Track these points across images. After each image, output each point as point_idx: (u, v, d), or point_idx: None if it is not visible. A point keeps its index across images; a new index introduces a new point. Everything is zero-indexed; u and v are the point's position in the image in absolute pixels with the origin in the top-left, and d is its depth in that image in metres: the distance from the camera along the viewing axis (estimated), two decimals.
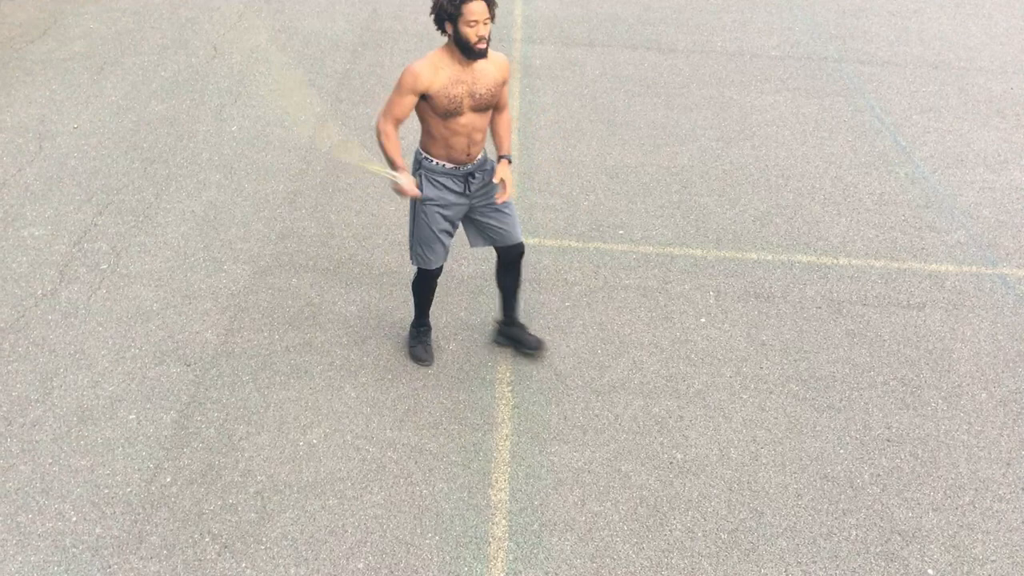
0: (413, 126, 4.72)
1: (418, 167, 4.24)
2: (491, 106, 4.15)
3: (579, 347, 4.88)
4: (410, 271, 5.32)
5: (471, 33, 3.86)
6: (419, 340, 4.74)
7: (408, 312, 4.96)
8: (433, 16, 3.95)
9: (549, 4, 9.41)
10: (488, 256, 5.47)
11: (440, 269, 4.48)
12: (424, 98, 4.02)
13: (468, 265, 5.41)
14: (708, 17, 9.36)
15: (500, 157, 4.23)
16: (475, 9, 3.83)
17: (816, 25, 9.32)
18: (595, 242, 5.74)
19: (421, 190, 4.18)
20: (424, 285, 4.56)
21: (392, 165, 4.09)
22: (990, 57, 8.79)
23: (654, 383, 4.67)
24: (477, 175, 4.26)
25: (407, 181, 4.07)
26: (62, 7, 8.63)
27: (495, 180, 4.18)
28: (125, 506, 3.83)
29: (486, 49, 3.94)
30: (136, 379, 4.48)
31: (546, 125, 7.07)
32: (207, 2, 8.95)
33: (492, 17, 3.92)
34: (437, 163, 4.19)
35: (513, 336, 4.81)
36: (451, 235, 4.37)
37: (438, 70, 3.97)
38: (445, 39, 4.00)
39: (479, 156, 4.25)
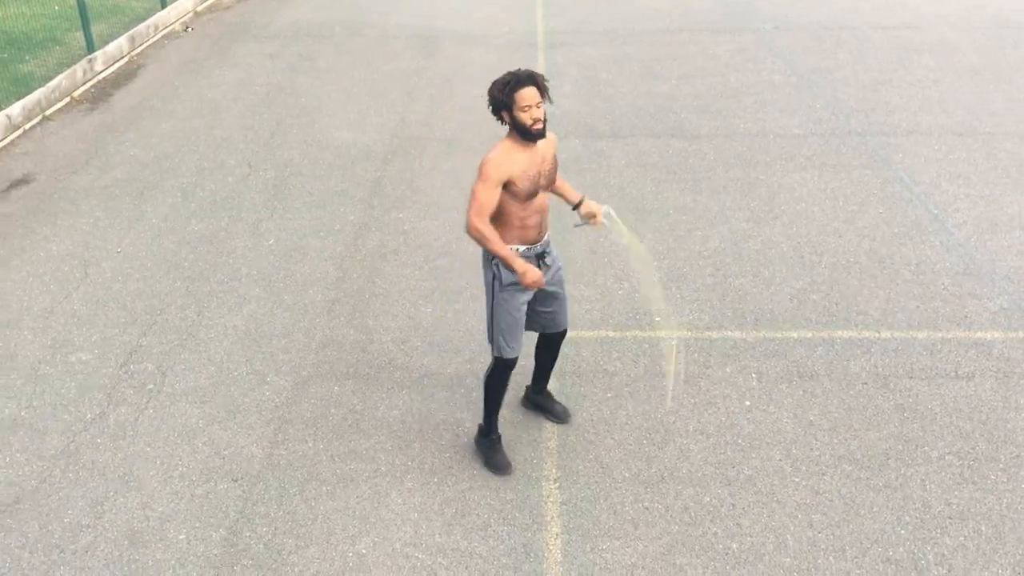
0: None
1: (492, 258, 4.24)
2: (554, 180, 4.34)
3: (624, 438, 4.83)
4: (450, 372, 5.35)
5: (526, 117, 4.02)
6: (494, 449, 4.66)
7: (451, 415, 4.97)
8: (491, 109, 4.12)
9: (571, 100, 9.62)
10: (526, 352, 5.47)
11: (517, 359, 4.46)
12: (505, 187, 4.11)
13: None
14: (728, 102, 9.50)
15: (579, 202, 4.48)
16: (526, 95, 4.00)
17: (836, 101, 9.42)
18: (633, 331, 5.74)
19: (500, 280, 4.25)
20: (503, 379, 4.50)
21: (508, 261, 4.14)
22: (1015, 122, 8.80)
23: (703, 471, 4.60)
24: (547, 255, 4.37)
25: (535, 272, 4.17)
26: (103, 137, 8.99)
27: (588, 212, 4.44)
28: None
29: (543, 129, 4.08)
30: (184, 498, 4.50)
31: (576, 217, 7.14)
32: (241, 121, 9.27)
33: (546, 99, 4.08)
34: (512, 249, 4.22)
35: (541, 405, 5.00)
36: (525, 316, 4.41)
37: (513, 157, 4.10)
38: (507, 128, 4.14)
39: (546, 235, 4.36)
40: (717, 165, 8.03)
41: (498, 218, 4.17)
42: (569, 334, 5.65)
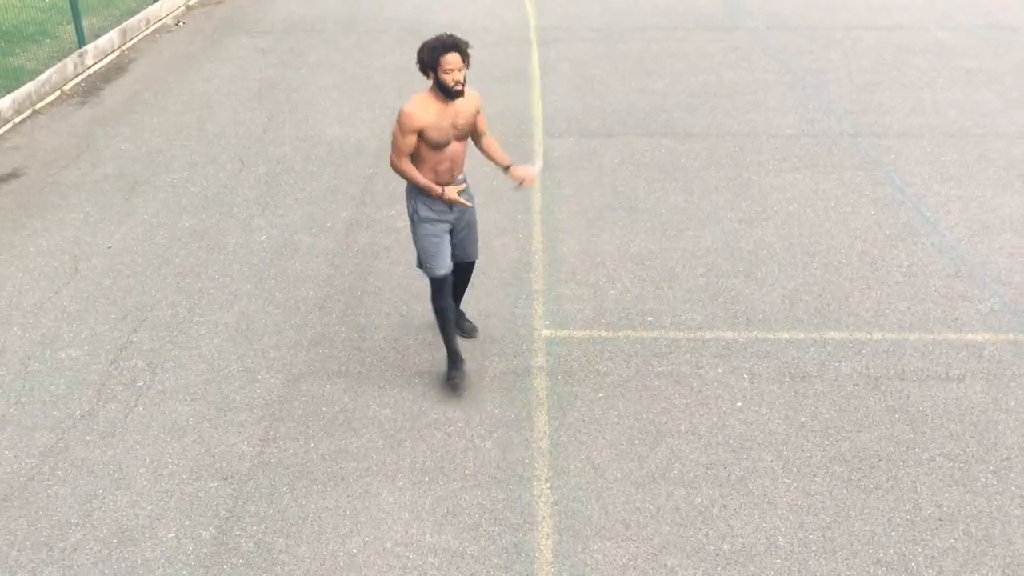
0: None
1: (412, 193, 4.95)
2: (469, 134, 4.94)
3: (616, 438, 4.83)
4: (442, 370, 5.33)
5: (448, 79, 4.64)
6: (456, 367, 5.23)
7: (443, 414, 4.96)
8: (418, 67, 4.72)
9: (565, 98, 9.61)
10: (518, 352, 5.48)
11: (449, 275, 5.03)
12: (419, 134, 4.74)
13: (499, 362, 5.42)
14: (721, 101, 9.50)
15: (507, 167, 5.07)
16: (450, 59, 4.61)
17: (829, 102, 9.43)
18: (625, 331, 5.73)
19: (419, 212, 4.93)
20: (442, 296, 5.04)
21: (428, 188, 4.82)
22: (1007, 123, 8.82)
23: (694, 472, 4.60)
24: (461, 193, 4.99)
25: (450, 189, 4.85)
26: (94, 131, 8.94)
27: (517, 177, 5.02)
28: None
29: (463, 90, 4.69)
30: (174, 496, 4.48)
31: (568, 216, 7.14)
32: (233, 116, 9.24)
33: (466, 64, 4.68)
34: None
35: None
36: (447, 241, 5.02)
37: (427, 109, 4.71)
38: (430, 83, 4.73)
39: (460, 177, 5.03)
40: (710, 165, 8.03)
41: (415, 161, 4.85)
42: (561, 333, 5.67)
